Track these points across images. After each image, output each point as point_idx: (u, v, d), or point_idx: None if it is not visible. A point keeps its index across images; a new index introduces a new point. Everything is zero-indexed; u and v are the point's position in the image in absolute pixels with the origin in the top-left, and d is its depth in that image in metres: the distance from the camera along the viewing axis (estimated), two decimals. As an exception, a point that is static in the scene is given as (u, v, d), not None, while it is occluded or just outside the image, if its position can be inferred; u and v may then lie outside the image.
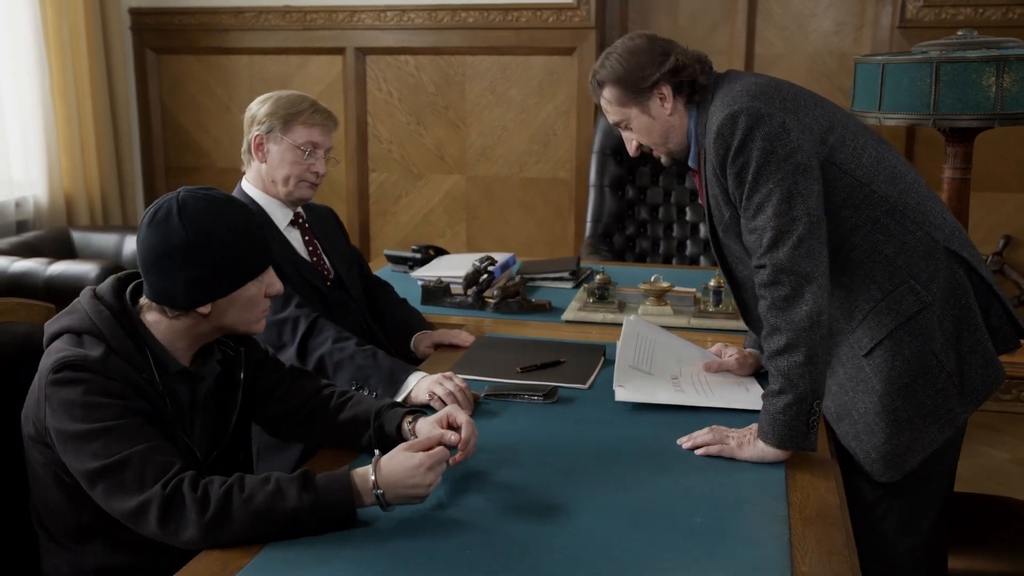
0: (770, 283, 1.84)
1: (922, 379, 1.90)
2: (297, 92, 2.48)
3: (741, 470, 1.79)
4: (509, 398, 2.14)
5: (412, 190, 5.06)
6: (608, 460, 1.83)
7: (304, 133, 2.40)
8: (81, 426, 1.54)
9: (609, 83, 2.04)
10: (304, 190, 2.45)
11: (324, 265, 2.53)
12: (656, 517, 1.60)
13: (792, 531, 1.55)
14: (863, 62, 2.65)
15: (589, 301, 2.85)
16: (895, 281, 1.91)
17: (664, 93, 2.00)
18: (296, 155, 2.39)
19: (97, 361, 1.59)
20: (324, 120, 2.43)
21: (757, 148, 1.84)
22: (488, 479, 1.74)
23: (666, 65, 1.98)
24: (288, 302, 2.28)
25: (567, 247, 4.94)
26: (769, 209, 1.84)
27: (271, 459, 2.29)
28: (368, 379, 2.14)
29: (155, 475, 1.52)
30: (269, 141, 2.41)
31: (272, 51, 5.04)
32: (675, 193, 4.23)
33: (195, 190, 1.68)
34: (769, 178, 1.84)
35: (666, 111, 2.01)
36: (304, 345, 2.22)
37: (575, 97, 4.77)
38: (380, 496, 1.57)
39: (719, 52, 4.68)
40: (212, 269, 1.65)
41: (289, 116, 2.39)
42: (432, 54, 4.89)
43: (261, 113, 2.42)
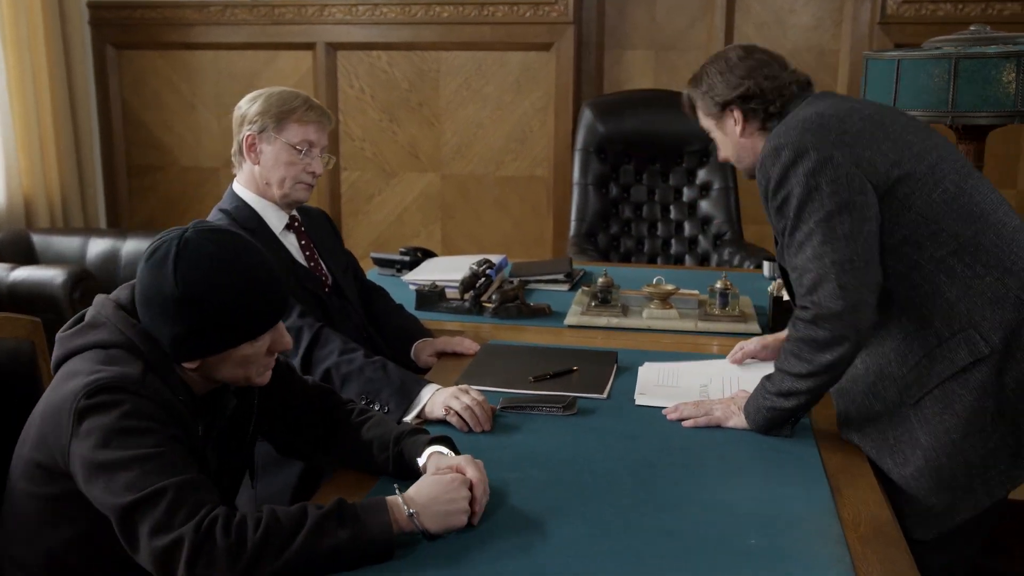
0: (808, 322, 1.80)
1: (972, 437, 1.77)
2: (289, 88, 2.36)
3: (783, 484, 1.71)
4: (527, 410, 2.04)
5: (385, 189, 4.94)
6: (643, 476, 1.74)
7: (299, 131, 2.27)
8: (115, 454, 1.40)
9: (692, 90, 2.09)
10: (300, 192, 2.33)
11: (321, 270, 2.41)
12: (706, 539, 1.52)
13: (852, 552, 1.47)
14: (875, 58, 2.59)
15: (591, 304, 2.76)
16: (953, 328, 1.78)
17: (736, 116, 2.00)
18: (291, 155, 2.27)
19: (136, 380, 1.46)
20: (319, 117, 2.31)
21: (799, 184, 1.79)
22: (520, 500, 1.64)
23: (739, 90, 1.97)
24: (291, 311, 2.16)
25: (545, 247, 4.85)
26: (809, 250, 1.78)
27: (271, 475, 2.17)
28: (378, 393, 2.03)
29: (188, 513, 1.38)
30: (262, 141, 2.29)
31: (239, 46, 4.88)
32: (659, 191, 4.16)
33: (204, 231, 1.52)
34: (811, 216, 1.78)
35: (737, 132, 2.02)
36: (309, 357, 2.11)
37: (552, 93, 4.68)
38: (415, 517, 1.47)
39: (696, 48, 4.63)
40: (202, 327, 1.50)
41: (282, 114, 2.26)
42: (405, 49, 4.76)
43: (252, 112, 2.29)
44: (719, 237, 4.05)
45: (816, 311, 1.77)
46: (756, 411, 1.90)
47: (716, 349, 2.50)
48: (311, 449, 1.84)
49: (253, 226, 2.28)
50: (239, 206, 2.31)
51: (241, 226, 2.26)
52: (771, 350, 2.29)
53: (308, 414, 1.79)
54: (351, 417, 1.79)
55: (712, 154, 4.09)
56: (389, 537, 1.45)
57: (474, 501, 1.55)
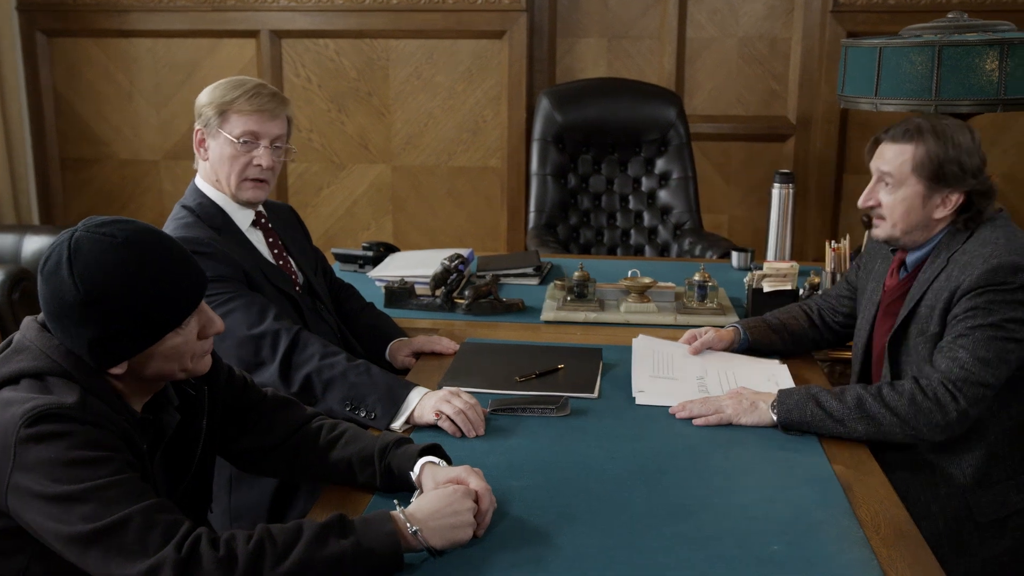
0: (932, 398, 1.85)
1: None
2: (241, 76, 2.23)
3: (793, 484, 1.67)
4: (518, 412, 1.96)
5: (334, 181, 4.80)
6: (651, 480, 1.68)
7: (239, 123, 2.14)
8: (67, 488, 1.29)
9: (922, 145, 1.96)
10: (248, 190, 2.19)
11: (291, 269, 2.30)
12: (728, 547, 1.46)
13: (878, 556, 1.43)
14: (854, 46, 2.56)
15: (567, 299, 2.69)
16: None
17: (953, 200, 1.96)
18: (233, 149, 2.14)
19: (76, 407, 1.34)
20: (262, 105, 2.14)
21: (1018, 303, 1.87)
22: (526, 509, 1.57)
23: (978, 182, 1.95)
24: (265, 314, 2.04)
25: (499, 238, 4.77)
26: (983, 349, 1.86)
27: (244, 488, 2.06)
28: (364, 398, 1.93)
29: (163, 535, 1.29)
30: (208, 136, 2.17)
31: (178, 34, 4.68)
32: (618, 181, 4.10)
33: (93, 228, 1.39)
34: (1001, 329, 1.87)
35: (936, 211, 1.98)
36: (287, 362, 1.99)
37: (505, 82, 4.59)
38: (418, 535, 1.38)
39: (650, 36, 4.58)
40: (116, 327, 1.38)
41: (223, 105, 2.14)
42: (353, 37, 4.63)
43: (200, 104, 2.19)
44: (679, 227, 4.02)
45: (952, 401, 1.84)
46: (799, 408, 1.88)
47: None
48: (277, 469, 1.74)
49: (219, 224, 2.17)
50: (203, 203, 2.19)
51: (207, 224, 2.14)
52: (724, 341, 2.30)
53: (269, 431, 1.68)
54: (321, 435, 1.68)
55: (671, 143, 4.05)
56: (396, 548, 1.37)
57: (480, 513, 1.48)
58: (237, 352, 2.00)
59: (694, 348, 2.26)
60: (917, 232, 2.02)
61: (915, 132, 1.98)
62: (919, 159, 1.96)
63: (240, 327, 2.00)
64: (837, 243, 2.58)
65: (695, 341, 2.28)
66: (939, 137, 1.95)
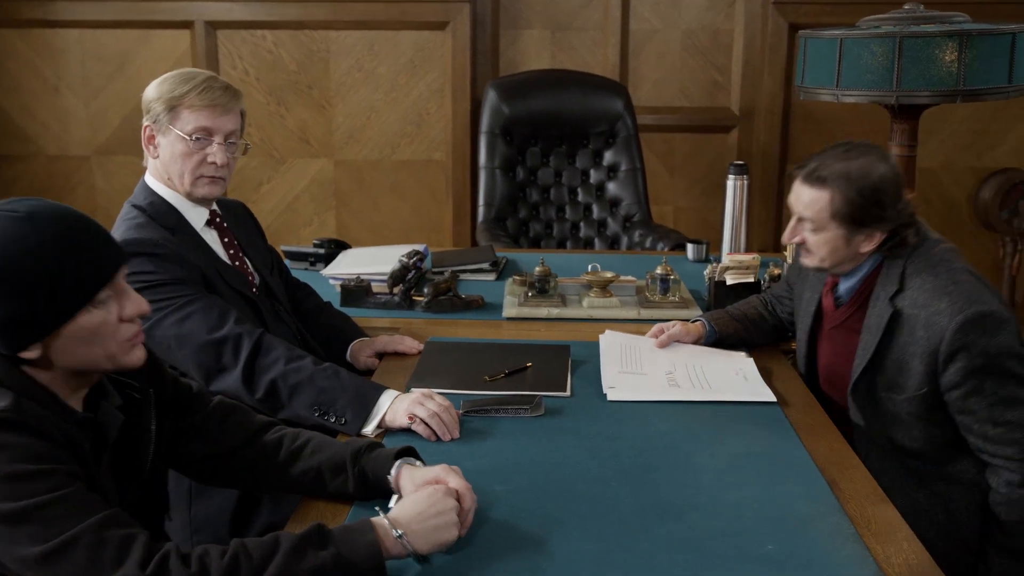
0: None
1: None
2: (191, 69, 2.14)
3: (778, 481, 1.65)
4: (491, 413, 1.91)
5: (274, 176, 4.68)
6: (636, 480, 1.65)
7: (190, 119, 2.05)
8: (9, 506, 1.21)
9: (837, 192, 1.93)
10: (203, 187, 2.10)
11: (247, 269, 2.21)
12: (721, 548, 1.43)
13: (872, 553, 1.42)
14: (813, 37, 2.56)
15: (528, 295, 2.64)
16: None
17: (876, 238, 1.96)
18: (185, 147, 2.05)
19: (10, 411, 1.26)
20: (214, 100, 2.05)
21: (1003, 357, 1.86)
22: (513, 514, 1.52)
23: (899, 215, 1.94)
24: (225, 318, 1.95)
25: (445, 232, 4.71)
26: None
27: (205, 499, 1.97)
28: (333, 403, 1.86)
29: (118, 552, 1.21)
30: (158, 132, 2.07)
31: (108, 24, 4.51)
32: (566, 174, 4.07)
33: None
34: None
35: (862, 246, 1.98)
36: (251, 367, 1.91)
37: (449, 74, 4.52)
38: (403, 539, 1.33)
39: (593, 28, 4.55)
40: (17, 305, 1.29)
41: (173, 100, 2.04)
42: (292, 28, 4.51)
43: (147, 100, 2.08)
44: (628, 219, 4.00)
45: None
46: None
47: (651, 336, 2.42)
48: (236, 479, 1.67)
49: (172, 223, 2.07)
50: (154, 202, 2.09)
51: (160, 224, 2.05)
52: (692, 335, 2.28)
53: (221, 438, 1.60)
54: (283, 445, 1.61)
55: (618, 135, 4.03)
56: (378, 558, 1.31)
57: (462, 512, 1.43)
58: (197, 358, 1.91)
59: (660, 342, 2.23)
60: (846, 264, 2.04)
61: (829, 178, 1.94)
62: (836, 208, 1.94)
63: (200, 332, 1.91)
64: (798, 235, 2.56)
65: (662, 335, 2.25)
66: (851, 182, 1.93)
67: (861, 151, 1.95)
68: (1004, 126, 4.44)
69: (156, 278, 1.93)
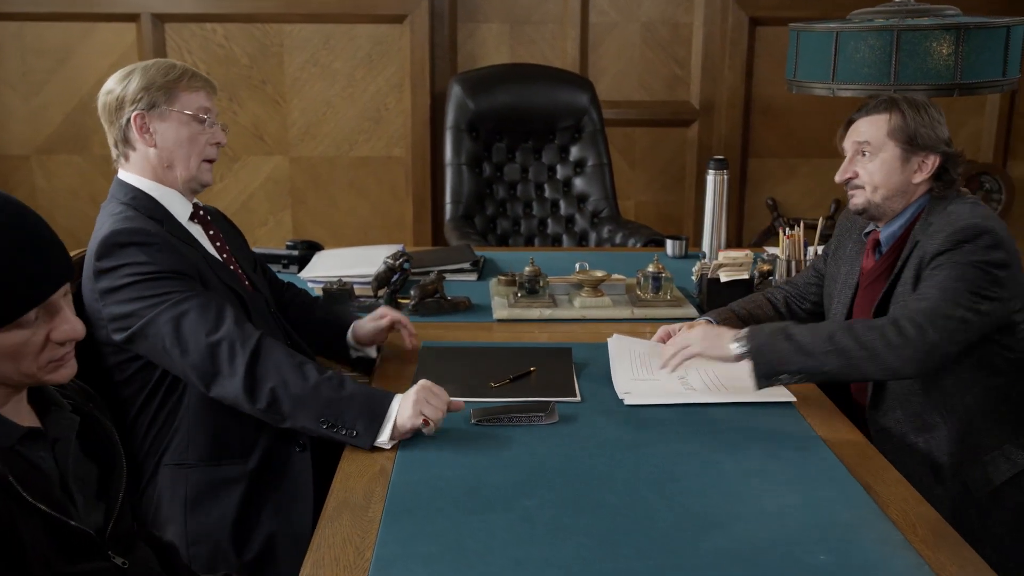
0: (903, 330, 1.83)
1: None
2: (159, 59, 2.05)
3: (814, 488, 1.60)
4: (504, 422, 1.84)
5: (227, 174, 4.53)
6: (668, 490, 1.59)
7: (192, 99, 1.96)
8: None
9: (897, 112, 2.01)
10: (206, 172, 2.03)
11: (237, 266, 2.10)
12: (773, 559, 1.38)
13: (926, 560, 1.38)
14: (807, 30, 2.52)
15: (518, 296, 2.57)
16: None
17: (929, 163, 2.00)
18: (193, 126, 1.96)
19: None
20: (206, 83, 2.01)
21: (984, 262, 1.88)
22: (546, 530, 1.45)
23: (950, 148, 2.01)
24: (222, 317, 1.82)
25: (405, 230, 4.61)
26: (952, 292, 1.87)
27: (202, 512, 1.86)
28: (340, 416, 1.75)
29: None
30: (154, 118, 1.95)
31: (48, 17, 4.31)
32: (532, 170, 4.01)
33: None
34: (971, 279, 1.88)
35: (915, 175, 2.01)
36: (251, 374, 1.78)
37: (407, 69, 4.42)
38: None
39: (552, 21, 4.49)
40: None
41: (170, 84, 1.95)
42: (244, 22, 4.36)
43: (132, 89, 1.95)
44: (596, 215, 3.95)
45: (920, 333, 1.82)
46: (770, 342, 1.87)
47: (648, 337, 2.37)
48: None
49: (159, 215, 1.95)
50: (137, 196, 1.96)
51: (147, 216, 1.93)
52: None
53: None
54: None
55: (584, 129, 3.98)
56: None
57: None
58: (195, 362, 1.79)
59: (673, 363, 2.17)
60: (896, 198, 2.05)
61: (889, 103, 2.04)
62: (895, 125, 2.01)
63: (198, 333, 1.79)
64: (792, 230, 2.55)
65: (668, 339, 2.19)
66: (911, 106, 2.02)
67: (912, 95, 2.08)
68: (958, 119, 4.49)
69: (151, 270, 1.81)
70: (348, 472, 1.66)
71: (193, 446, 1.88)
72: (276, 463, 1.91)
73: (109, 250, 1.82)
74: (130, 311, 1.81)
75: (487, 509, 1.51)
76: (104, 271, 1.82)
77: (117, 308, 1.82)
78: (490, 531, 1.45)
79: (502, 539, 1.42)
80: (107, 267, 1.82)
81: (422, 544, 1.41)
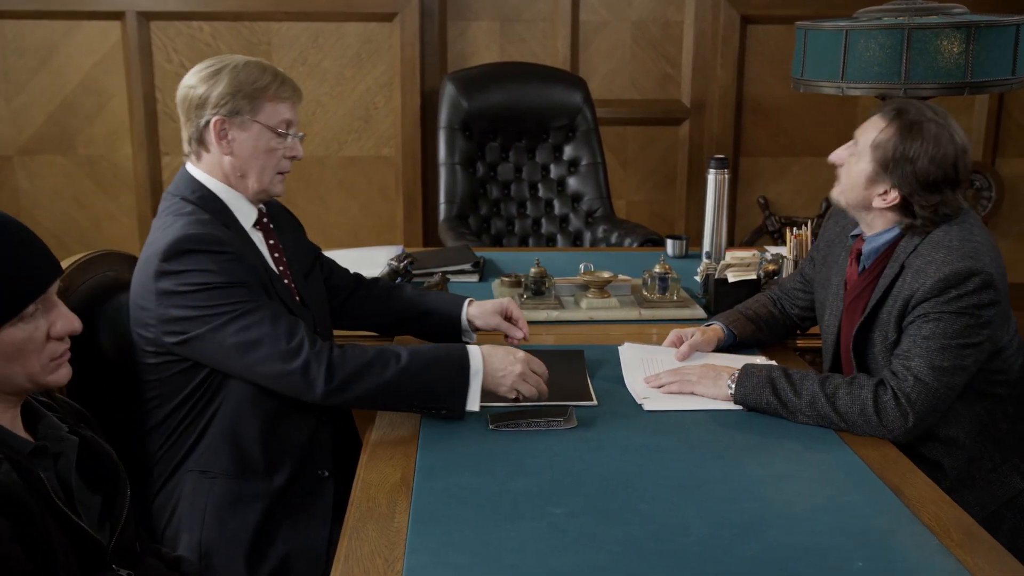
0: (883, 410, 1.80)
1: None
2: (247, 58, 1.92)
3: (843, 492, 1.59)
4: (522, 426, 1.81)
5: (214, 175, 4.46)
6: (695, 494, 1.56)
7: (275, 111, 1.89)
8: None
9: (890, 129, 1.89)
10: (279, 184, 1.96)
11: (289, 276, 2.02)
12: (809, 565, 1.36)
13: (964, 565, 1.36)
14: (815, 29, 2.51)
15: (524, 297, 2.54)
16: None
17: (890, 197, 1.90)
18: (272, 140, 1.89)
19: None
20: (293, 92, 1.94)
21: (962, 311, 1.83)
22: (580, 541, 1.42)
23: (923, 196, 1.87)
24: (294, 331, 1.77)
25: (396, 231, 4.57)
26: (932, 353, 1.83)
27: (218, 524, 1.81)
28: (425, 402, 1.82)
29: None
30: (233, 127, 1.86)
31: (29, 15, 4.23)
32: (526, 169, 3.98)
33: None
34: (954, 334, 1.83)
35: (875, 200, 1.93)
36: (330, 392, 1.75)
37: (398, 67, 4.38)
38: None
39: (542, 19, 4.46)
40: None
41: (256, 92, 1.86)
42: (231, 20, 4.30)
43: (217, 93, 1.84)
44: (591, 214, 3.93)
45: (901, 417, 1.80)
46: (756, 399, 1.88)
47: (655, 338, 2.35)
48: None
49: (226, 220, 1.88)
50: (204, 196, 1.88)
51: (216, 220, 1.86)
52: (712, 342, 2.20)
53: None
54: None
55: (578, 128, 3.95)
56: None
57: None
58: (262, 372, 1.76)
59: (681, 353, 2.14)
60: (859, 210, 1.98)
61: (895, 114, 1.91)
62: (879, 140, 1.90)
63: (269, 345, 1.75)
64: (799, 229, 2.53)
65: (681, 344, 2.17)
66: (909, 132, 1.88)
67: (946, 125, 1.90)
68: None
69: (219, 280, 1.75)
70: (368, 481, 1.63)
71: (219, 457, 1.83)
72: (300, 485, 1.88)
73: (178, 254, 1.75)
74: (192, 316, 1.75)
75: (515, 518, 1.48)
76: (169, 273, 1.75)
77: (177, 311, 1.76)
78: (521, 540, 1.42)
79: (534, 549, 1.40)
80: (173, 270, 1.75)
81: (452, 554, 1.38)
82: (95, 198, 4.46)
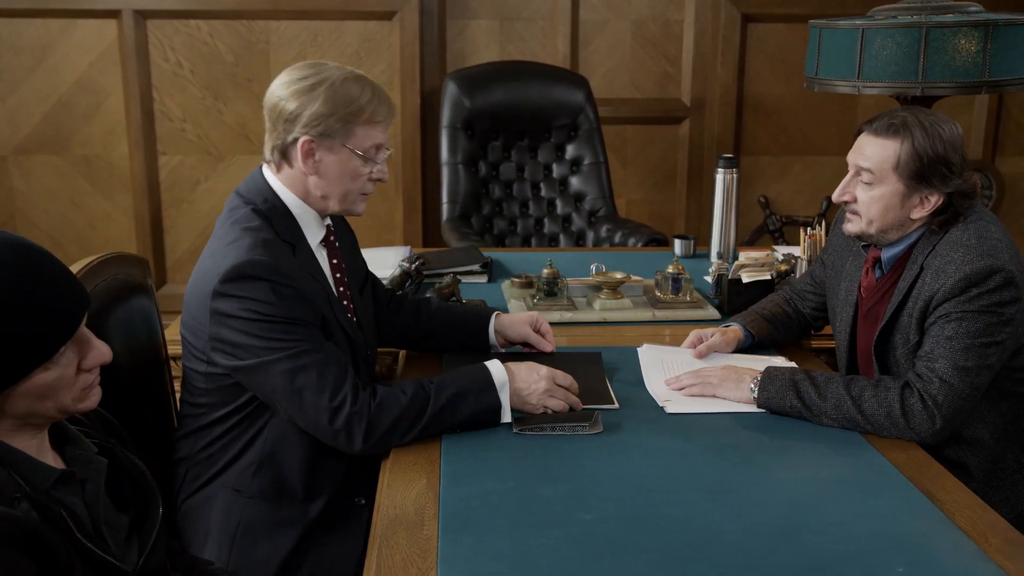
0: (910, 413, 1.79)
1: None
2: (345, 71, 1.82)
3: (876, 496, 1.57)
4: (547, 431, 1.79)
5: (212, 175, 4.42)
6: (727, 498, 1.54)
7: (366, 135, 1.80)
8: None
9: (908, 141, 1.85)
10: (361, 203, 1.90)
11: (348, 297, 1.97)
12: (851, 571, 1.34)
13: (1005, 571, 1.35)
14: (830, 27, 2.49)
15: (536, 298, 2.51)
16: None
17: (932, 202, 1.88)
18: (359, 165, 1.81)
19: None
20: (388, 113, 1.84)
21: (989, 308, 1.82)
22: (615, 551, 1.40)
23: (958, 181, 1.86)
24: (340, 385, 1.71)
25: (395, 231, 4.54)
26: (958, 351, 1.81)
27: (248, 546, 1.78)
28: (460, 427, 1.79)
29: None
30: (322, 148, 1.78)
31: (25, 13, 4.18)
32: (528, 168, 3.95)
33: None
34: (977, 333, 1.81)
35: (914, 211, 1.89)
36: (369, 445, 1.72)
37: (397, 66, 4.34)
38: None
39: (542, 18, 4.44)
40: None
41: (350, 115, 1.77)
42: (229, 18, 4.26)
43: (312, 112, 1.76)
44: (593, 214, 3.91)
45: (928, 420, 1.78)
46: (779, 403, 1.86)
47: (669, 339, 2.33)
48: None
49: (293, 238, 1.81)
50: (276, 207, 1.81)
51: (281, 238, 1.79)
52: (732, 343, 2.19)
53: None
54: None
55: (580, 127, 3.93)
56: None
57: None
58: (306, 420, 1.73)
59: (699, 352, 2.13)
60: (892, 231, 1.94)
61: (902, 127, 1.86)
62: (904, 158, 1.85)
63: (314, 395, 1.70)
64: (813, 229, 2.52)
65: (700, 344, 2.15)
66: (927, 132, 1.85)
67: (929, 112, 1.89)
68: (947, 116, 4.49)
69: (274, 313, 1.69)
70: (393, 485, 1.60)
71: (257, 478, 1.79)
72: (335, 511, 1.84)
73: (240, 278, 1.69)
74: (243, 343, 1.70)
75: (546, 524, 1.46)
76: (226, 295, 1.69)
77: (230, 335, 1.71)
78: (554, 548, 1.39)
79: (568, 556, 1.37)
80: (231, 293, 1.69)
81: (486, 562, 1.36)
82: (91, 198, 4.41)
